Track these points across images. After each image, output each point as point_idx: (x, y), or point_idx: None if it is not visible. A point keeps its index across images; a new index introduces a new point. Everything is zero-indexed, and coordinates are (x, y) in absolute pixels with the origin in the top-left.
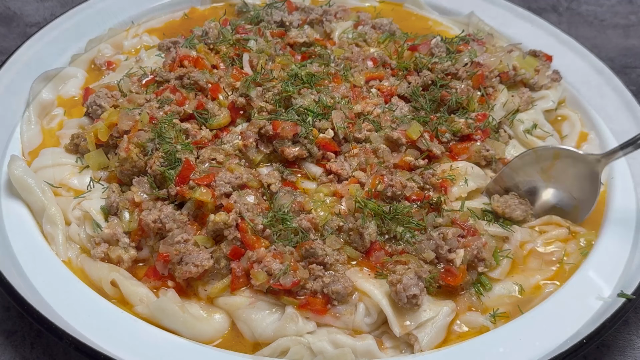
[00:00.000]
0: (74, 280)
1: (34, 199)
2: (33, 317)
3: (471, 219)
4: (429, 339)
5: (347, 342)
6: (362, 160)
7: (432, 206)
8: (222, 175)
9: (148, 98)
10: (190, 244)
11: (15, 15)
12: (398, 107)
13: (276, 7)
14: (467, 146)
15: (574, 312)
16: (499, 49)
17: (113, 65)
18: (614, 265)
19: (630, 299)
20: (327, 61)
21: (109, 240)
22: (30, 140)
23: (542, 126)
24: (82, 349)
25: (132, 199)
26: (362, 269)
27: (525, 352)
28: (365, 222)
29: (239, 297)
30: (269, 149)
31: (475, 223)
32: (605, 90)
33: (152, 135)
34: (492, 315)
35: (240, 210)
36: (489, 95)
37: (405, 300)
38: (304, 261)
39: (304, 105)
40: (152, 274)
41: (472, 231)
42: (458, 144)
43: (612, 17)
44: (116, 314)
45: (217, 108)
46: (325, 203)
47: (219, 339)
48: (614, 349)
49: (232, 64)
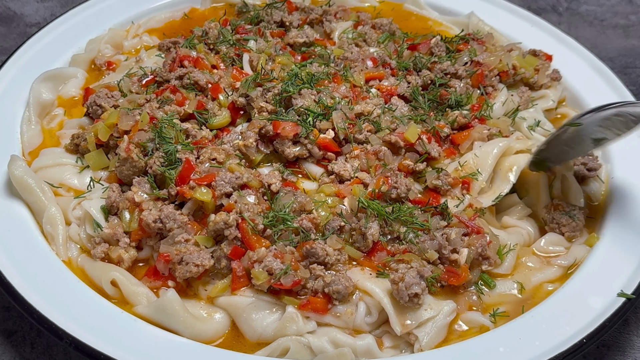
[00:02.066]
0: (74, 280)
1: (34, 199)
2: (33, 317)
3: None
4: (430, 338)
5: (347, 342)
6: (364, 162)
7: (437, 210)
8: (222, 175)
9: (148, 98)
10: (190, 243)
11: (15, 15)
12: (398, 107)
13: (276, 7)
14: (468, 132)
15: (574, 312)
16: (498, 48)
17: (113, 66)
18: (614, 265)
19: (630, 299)
20: (327, 61)
21: (109, 240)
22: (30, 140)
23: (542, 125)
24: (82, 349)
25: (132, 199)
26: (364, 269)
27: (525, 352)
28: (368, 223)
29: (240, 296)
30: (269, 149)
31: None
32: (605, 90)
33: (152, 135)
34: (492, 314)
35: (240, 210)
36: (489, 95)
37: (407, 298)
38: (305, 261)
39: (305, 105)
40: (152, 274)
41: (477, 229)
42: (459, 133)
43: (612, 17)
44: (116, 314)
45: (217, 108)
46: (326, 203)
47: (219, 339)
48: (614, 349)
49: (232, 64)
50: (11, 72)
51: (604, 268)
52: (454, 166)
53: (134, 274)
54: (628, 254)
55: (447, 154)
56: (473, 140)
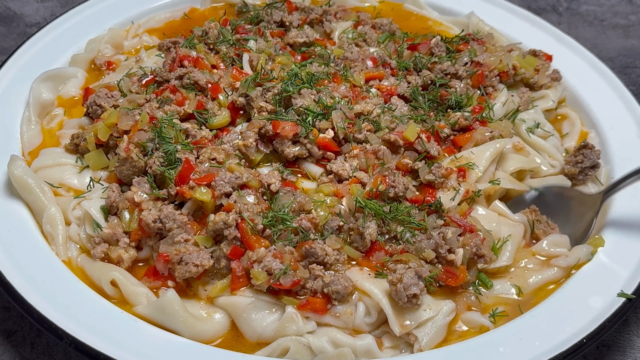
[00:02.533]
0: (74, 280)
1: (34, 199)
2: (33, 317)
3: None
4: (429, 338)
5: (347, 342)
6: (363, 161)
7: (432, 209)
8: (222, 175)
9: (148, 98)
10: (190, 243)
11: (15, 15)
12: (398, 107)
13: (276, 7)
14: (471, 134)
15: (574, 312)
16: (498, 49)
17: (113, 65)
18: (614, 265)
19: (630, 299)
20: (327, 61)
21: (109, 240)
22: (30, 140)
23: (542, 126)
24: (82, 349)
25: (132, 198)
26: (362, 269)
27: (525, 352)
28: (366, 222)
29: (239, 297)
30: (269, 149)
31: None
32: (605, 90)
33: (152, 135)
34: (492, 314)
35: (240, 210)
36: (489, 95)
37: (406, 299)
38: (304, 261)
39: (304, 105)
40: (152, 274)
41: (470, 228)
42: (461, 135)
43: (612, 17)
44: (116, 314)
45: (217, 108)
46: (325, 203)
47: (219, 339)
48: (614, 349)
49: (232, 64)
50: (11, 72)
51: (604, 268)
52: (449, 159)
53: (133, 274)
54: (628, 254)
55: (447, 154)
56: (475, 143)
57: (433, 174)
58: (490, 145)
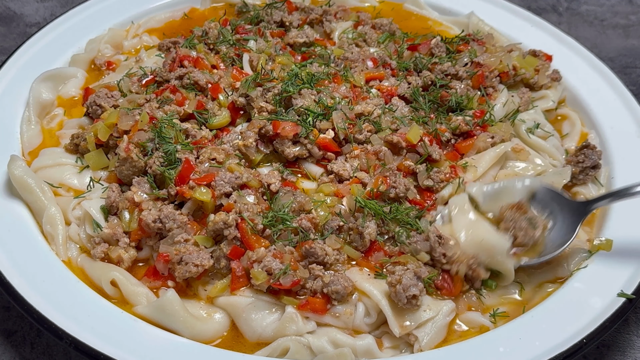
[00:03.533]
0: (74, 280)
1: (34, 199)
2: (33, 317)
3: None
4: (429, 338)
5: (347, 342)
6: (364, 161)
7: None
8: (222, 175)
9: (148, 98)
10: (190, 243)
11: (15, 15)
12: (398, 107)
13: (276, 7)
14: (472, 141)
15: (574, 312)
16: (498, 49)
17: (113, 65)
18: (614, 265)
19: (630, 299)
20: (327, 61)
21: (109, 240)
22: (30, 140)
23: (542, 126)
24: (82, 349)
25: (132, 198)
26: (362, 269)
27: (525, 352)
28: (365, 222)
29: (239, 297)
30: (269, 149)
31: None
32: (605, 90)
33: (151, 135)
34: (492, 314)
35: (240, 210)
36: (489, 95)
37: (405, 301)
38: (304, 261)
39: (305, 105)
40: (152, 274)
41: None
42: (462, 142)
43: (612, 17)
44: (116, 314)
45: (217, 108)
46: (325, 203)
47: (219, 339)
48: (614, 349)
49: (232, 64)
50: (11, 72)
51: (604, 268)
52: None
53: (133, 274)
54: (628, 254)
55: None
56: (478, 149)
57: (432, 179)
58: (491, 151)
